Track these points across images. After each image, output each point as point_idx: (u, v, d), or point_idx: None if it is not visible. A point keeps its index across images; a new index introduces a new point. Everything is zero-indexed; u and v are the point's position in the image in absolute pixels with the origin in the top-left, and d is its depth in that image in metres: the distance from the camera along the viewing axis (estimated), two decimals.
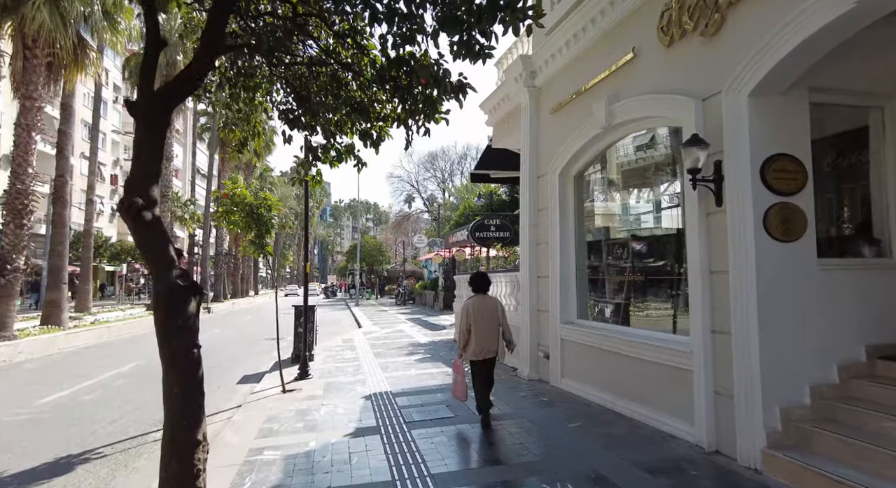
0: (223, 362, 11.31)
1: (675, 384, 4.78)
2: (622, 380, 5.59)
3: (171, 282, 2.82)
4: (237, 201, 7.37)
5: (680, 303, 5.21)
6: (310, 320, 10.35)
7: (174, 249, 2.97)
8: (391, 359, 10.01)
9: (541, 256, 7.61)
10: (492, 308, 5.54)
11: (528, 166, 7.85)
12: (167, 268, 2.82)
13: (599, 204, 6.96)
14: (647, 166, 6.15)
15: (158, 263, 2.81)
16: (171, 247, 2.94)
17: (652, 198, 6.25)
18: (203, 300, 17.78)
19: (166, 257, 2.84)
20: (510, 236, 13.13)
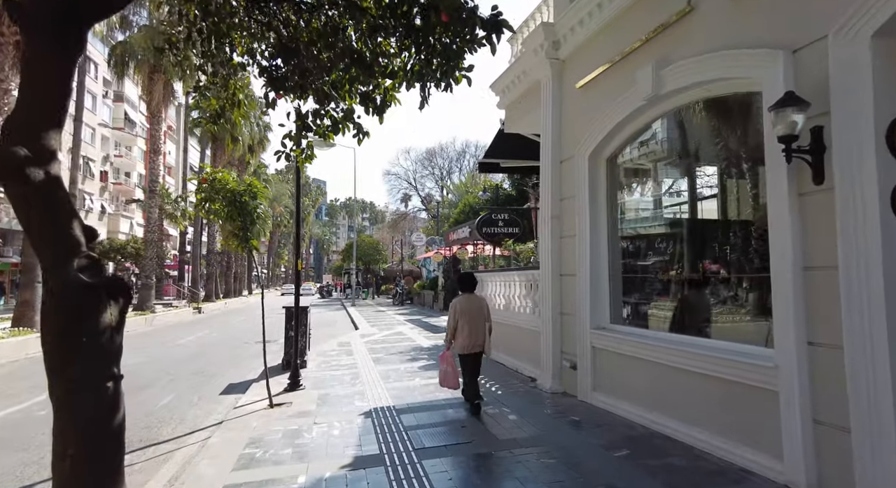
0: (207, 368, 10.33)
1: (752, 406, 3.86)
2: (676, 399, 4.66)
3: (72, 276, 1.85)
4: (218, 187, 6.41)
5: (752, 306, 4.30)
6: (302, 323, 9.40)
7: (83, 227, 2.01)
8: (392, 367, 9.06)
9: (565, 252, 6.68)
10: (478, 306, 6.10)
11: (550, 150, 6.92)
12: (66, 254, 1.85)
13: (639, 190, 6.02)
14: (702, 142, 5.23)
15: (53, 247, 1.85)
16: (76, 224, 1.99)
17: (709, 181, 5.32)
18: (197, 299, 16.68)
19: (66, 239, 1.89)
20: (520, 232, 12.20)
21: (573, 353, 6.41)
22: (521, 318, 8.12)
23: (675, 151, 5.70)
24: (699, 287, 5.03)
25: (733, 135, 4.86)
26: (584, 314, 6.12)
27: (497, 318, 9.20)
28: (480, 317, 6.00)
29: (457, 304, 6.05)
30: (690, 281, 5.12)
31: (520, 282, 8.38)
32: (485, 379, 7.64)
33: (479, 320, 5.98)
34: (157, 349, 13.18)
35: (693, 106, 5.06)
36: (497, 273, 9.57)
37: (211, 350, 12.93)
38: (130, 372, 10.42)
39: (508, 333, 8.63)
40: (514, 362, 8.33)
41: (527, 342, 7.87)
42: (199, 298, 30.72)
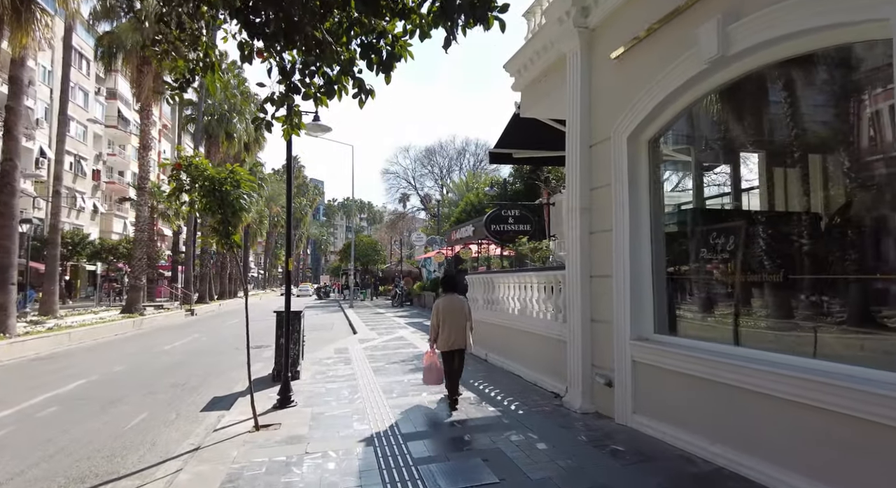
0: (192, 378, 9.40)
1: (873, 449, 2.97)
2: (757, 431, 3.76)
3: None
4: (195, 175, 5.50)
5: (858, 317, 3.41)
6: (295, 329, 8.49)
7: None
8: (395, 378, 8.14)
9: (597, 249, 5.78)
10: (459, 306, 6.38)
11: (578, 133, 6.02)
12: None
13: (688, 176, 5.11)
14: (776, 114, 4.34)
15: None
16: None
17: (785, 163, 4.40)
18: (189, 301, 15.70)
19: None
20: (531, 229, 11.30)
21: (608, 368, 5.51)
22: (540, 325, 7.22)
23: (738, 128, 4.81)
24: (780, 291, 4.13)
25: (827, 102, 3.97)
26: (623, 322, 5.22)
27: (510, 324, 8.32)
28: (461, 316, 6.33)
29: (439, 305, 6.37)
30: (765, 284, 4.22)
31: (538, 285, 7.47)
32: (501, 394, 6.73)
33: (461, 319, 6.32)
34: (140, 356, 12.25)
35: (768, 70, 4.16)
36: (509, 274, 8.68)
37: (198, 357, 12.00)
38: (106, 384, 9.56)
39: (525, 341, 7.73)
40: (532, 374, 7.43)
41: (548, 352, 6.97)
42: (191, 300, 29.74)
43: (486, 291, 9.66)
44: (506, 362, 8.47)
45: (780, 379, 3.54)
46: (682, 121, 4.97)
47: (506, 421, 5.55)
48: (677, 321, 5.04)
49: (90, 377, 9.47)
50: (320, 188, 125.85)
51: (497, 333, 8.94)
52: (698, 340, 4.68)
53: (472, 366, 9.06)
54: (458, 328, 6.27)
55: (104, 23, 21.11)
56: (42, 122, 36.47)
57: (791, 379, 3.46)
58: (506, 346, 8.55)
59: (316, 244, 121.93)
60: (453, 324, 6.26)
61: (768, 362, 3.77)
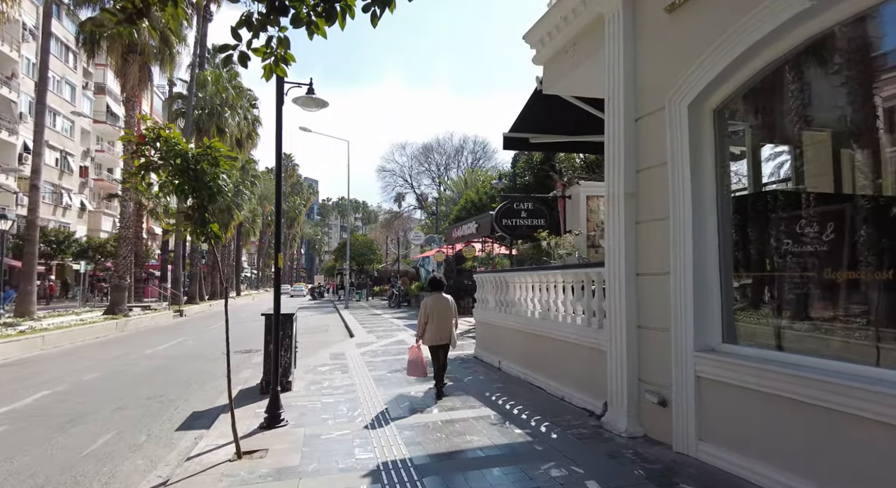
0: (171, 388, 8.41)
1: None
2: (877, 472, 2.86)
3: None
4: (164, 150, 4.53)
5: None
6: (287, 335, 7.54)
7: None
8: (399, 390, 7.20)
9: (646, 242, 4.87)
10: (445, 304, 6.74)
11: (622, 104, 5.10)
12: None
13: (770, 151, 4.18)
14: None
15: None
16: None
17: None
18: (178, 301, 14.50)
19: None
20: (545, 224, 10.38)
21: (660, 383, 4.59)
22: (569, 331, 6.30)
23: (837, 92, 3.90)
24: None
25: None
26: (683, 330, 4.31)
27: (530, 328, 7.39)
28: (447, 313, 6.75)
29: (427, 303, 6.77)
30: (875, 283, 3.31)
31: (566, 284, 6.55)
32: (526, 412, 5.79)
33: (446, 316, 6.73)
34: (118, 361, 11.23)
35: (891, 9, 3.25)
36: (527, 272, 7.75)
37: (181, 363, 10.99)
38: (72, 395, 8.26)
39: (549, 349, 6.80)
40: (558, 387, 6.50)
41: (579, 362, 6.05)
42: (180, 300, 28.64)
43: (499, 292, 8.73)
44: (524, 372, 7.54)
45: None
46: (761, 84, 4.05)
47: (539, 447, 4.61)
48: (753, 328, 4.13)
49: (56, 387, 8.45)
50: (314, 187, 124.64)
51: (513, 339, 8.01)
52: (784, 352, 3.77)
53: (485, 375, 8.13)
54: (444, 325, 6.71)
55: (86, 8, 20.02)
56: (26, 116, 35.17)
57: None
58: (524, 354, 7.63)
59: (310, 244, 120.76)
60: (440, 320, 6.69)
61: (885, 382, 2.87)
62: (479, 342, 9.75)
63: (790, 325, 3.90)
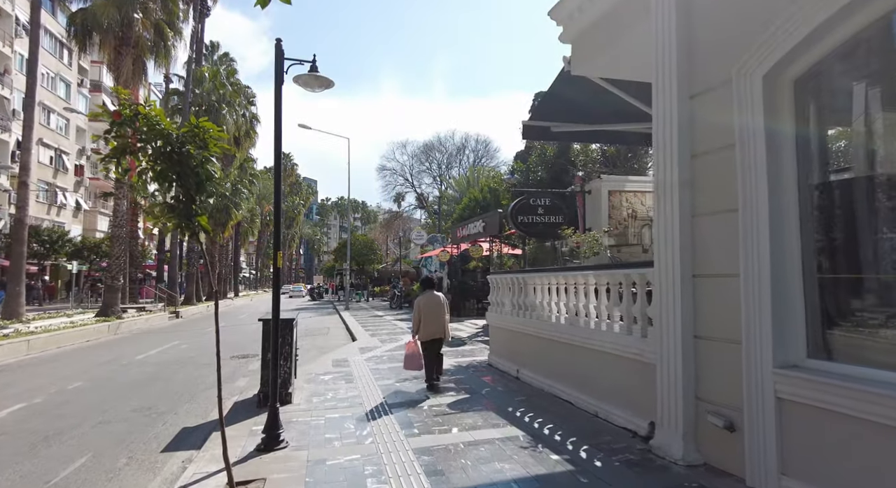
0: (162, 399, 7.72)
1: None
2: None
3: None
4: (144, 130, 3.85)
5: None
6: (287, 342, 6.87)
7: None
8: (412, 403, 6.50)
9: (703, 238, 4.19)
10: (437, 302, 7.32)
11: (674, 80, 4.43)
12: None
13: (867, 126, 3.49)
14: None
15: None
16: None
17: None
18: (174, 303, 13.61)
19: None
20: (564, 221, 9.69)
21: (726, 404, 3.92)
22: (604, 339, 5.62)
23: None
24: None
25: None
26: (757, 342, 3.63)
27: (554, 335, 6.70)
28: (439, 310, 7.24)
29: (420, 301, 7.29)
30: None
31: (598, 286, 5.87)
32: (559, 433, 5.11)
33: (439, 313, 7.20)
34: (106, 368, 10.53)
35: None
36: (549, 273, 7.07)
37: (173, 370, 10.29)
38: (51, 408, 6.94)
39: (578, 359, 6.12)
40: (590, 402, 5.82)
41: (617, 375, 5.37)
42: (176, 301, 27.92)
43: (516, 294, 8.05)
44: (548, 382, 6.86)
45: None
46: (863, 43, 3.37)
47: (584, 480, 3.93)
48: (848, 341, 3.45)
49: (34, 398, 7.75)
50: (313, 187, 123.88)
51: (534, 346, 7.34)
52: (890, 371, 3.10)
53: (503, 385, 7.44)
54: (437, 321, 7.20)
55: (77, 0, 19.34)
56: (19, 113, 34.41)
57: None
58: (548, 363, 6.95)
59: (309, 244, 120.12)
60: (433, 317, 7.17)
61: None
62: (494, 348, 9.07)
63: None
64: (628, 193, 9.27)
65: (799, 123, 3.62)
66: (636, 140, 8.05)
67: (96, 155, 42.16)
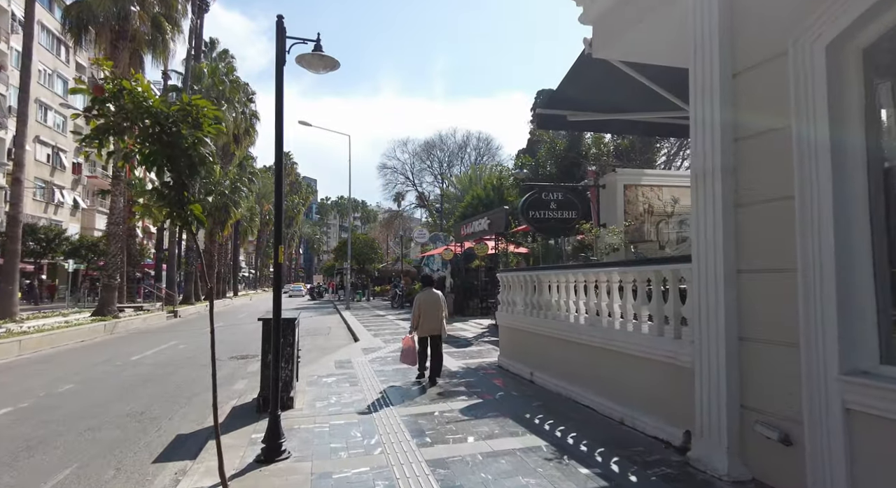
0: (156, 402, 7.31)
1: None
2: None
3: None
4: (130, 108, 3.44)
5: None
6: (288, 343, 6.47)
7: None
8: (422, 409, 6.10)
9: (749, 230, 3.79)
10: (435, 299, 7.59)
11: (715, 56, 4.03)
12: None
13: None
14: None
15: None
16: None
17: None
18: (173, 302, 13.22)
19: None
20: (577, 217, 9.28)
21: (780, 414, 3.51)
22: (631, 341, 5.21)
23: None
24: None
25: None
26: (818, 345, 3.23)
27: (573, 336, 6.29)
28: (438, 307, 7.49)
29: (420, 298, 7.55)
30: None
31: (623, 284, 5.46)
32: (585, 442, 4.70)
33: (436, 310, 7.44)
34: (100, 369, 10.12)
35: None
36: (567, 271, 6.67)
37: (169, 371, 9.88)
38: (37, 413, 6.43)
39: (600, 362, 5.72)
40: (614, 408, 5.41)
41: (646, 379, 4.97)
42: (175, 301, 27.49)
43: (529, 292, 7.65)
44: (566, 386, 6.45)
45: None
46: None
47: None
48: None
49: (21, 402, 7.34)
50: (313, 186, 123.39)
51: (550, 348, 6.93)
52: None
53: (517, 389, 7.04)
54: (435, 318, 7.47)
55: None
56: (15, 109, 34.02)
57: None
58: (565, 366, 6.55)
59: (308, 243, 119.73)
60: (431, 314, 7.44)
61: None
62: (505, 349, 8.66)
63: None
64: (644, 188, 8.87)
65: (868, 97, 3.21)
66: (657, 130, 7.67)
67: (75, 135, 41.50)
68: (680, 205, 9.05)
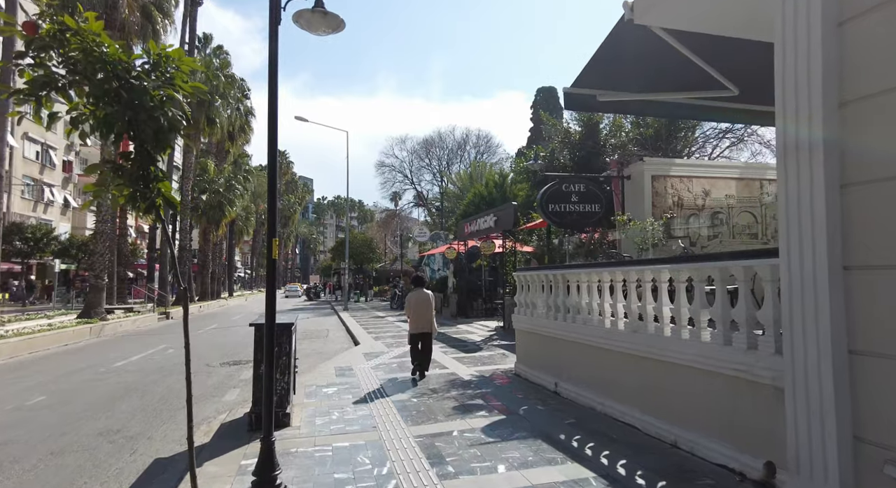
0: (136, 417, 6.51)
1: None
2: None
3: None
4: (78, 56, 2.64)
5: None
6: (284, 351, 5.70)
7: None
8: (439, 427, 5.31)
9: (860, 216, 3.03)
10: (425, 298, 8.05)
11: (817, 4, 3.25)
12: None
13: None
14: None
15: None
16: None
17: None
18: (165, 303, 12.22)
19: None
20: (601, 211, 8.50)
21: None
22: (686, 350, 4.45)
23: None
24: None
25: None
26: None
27: (611, 344, 5.52)
28: (426, 305, 8.01)
29: (410, 298, 8.13)
30: None
31: (676, 284, 4.70)
32: (640, 471, 3.92)
33: (425, 309, 7.98)
34: (78, 376, 9.30)
35: None
36: (602, 268, 5.90)
37: (155, 379, 9.07)
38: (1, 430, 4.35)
39: (646, 374, 4.95)
40: (666, 428, 4.64)
41: (708, 397, 4.20)
42: (167, 302, 26.61)
43: (552, 294, 6.89)
44: (600, 401, 5.68)
45: None
46: None
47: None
48: None
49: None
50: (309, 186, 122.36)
51: (579, 355, 6.17)
52: None
53: (542, 402, 6.26)
54: (424, 316, 7.84)
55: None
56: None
57: None
58: (598, 376, 5.78)
59: (305, 243, 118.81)
60: (420, 313, 7.84)
61: None
62: (523, 357, 7.89)
63: None
64: (673, 179, 8.12)
65: None
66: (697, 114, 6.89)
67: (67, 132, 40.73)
68: (711, 198, 8.30)
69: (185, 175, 31.18)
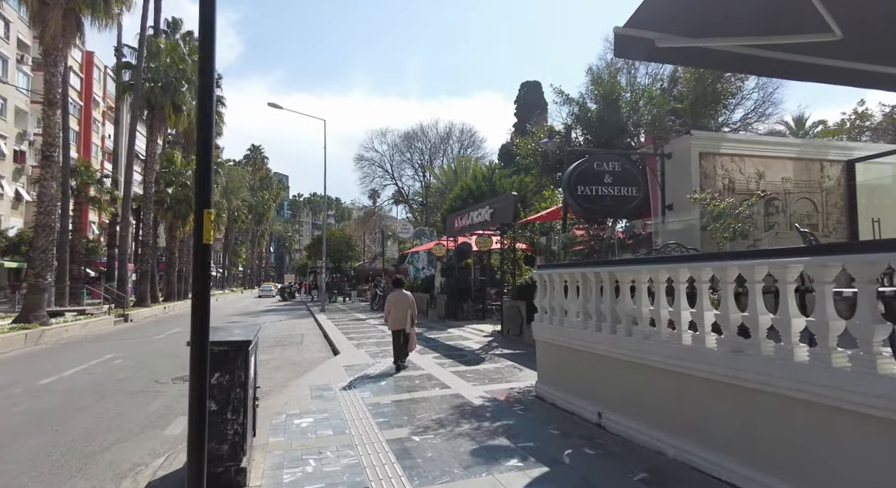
0: (31, 471, 4.67)
1: None
2: None
3: None
4: None
5: None
6: (238, 383, 4.04)
7: None
8: (452, 482, 3.74)
9: None
10: (402, 298, 8.73)
11: None
12: None
13: None
14: None
15: None
16: None
17: None
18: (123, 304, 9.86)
19: None
20: (641, 196, 6.98)
21: None
22: (830, 383, 2.95)
23: None
24: None
25: None
26: None
27: (686, 368, 3.94)
28: (403, 305, 8.66)
29: (390, 298, 8.87)
30: None
31: (812, 285, 3.20)
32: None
33: (402, 308, 8.63)
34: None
35: None
36: (678, 264, 4.40)
37: (83, 404, 7.24)
38: None
39: (761, 413, 3.45)
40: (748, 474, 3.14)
41: (871, 451, 2.71)
42: (126, 303, 24.31)
43: (591, 298, 5.37)
44: (674, 444, 4.17)
45: None
46: None
47: None
48: None
49: None
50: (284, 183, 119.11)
51: (635, 380, 4.65)
52: None
53: (587, 441, 4.71)
54: (400, 315, 8.58)
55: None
56: None
57: None
58: (672, 411, 4.26)
59: (280, 241, 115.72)
60: (397, 312, 8.63)
61: None
62: (548, 375, 6.35)
63: None
64: (724, 157, 6.70)
65: None
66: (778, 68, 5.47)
67: None
68: (766, 181, 6.90)
69: (149, 165, 28.83)
